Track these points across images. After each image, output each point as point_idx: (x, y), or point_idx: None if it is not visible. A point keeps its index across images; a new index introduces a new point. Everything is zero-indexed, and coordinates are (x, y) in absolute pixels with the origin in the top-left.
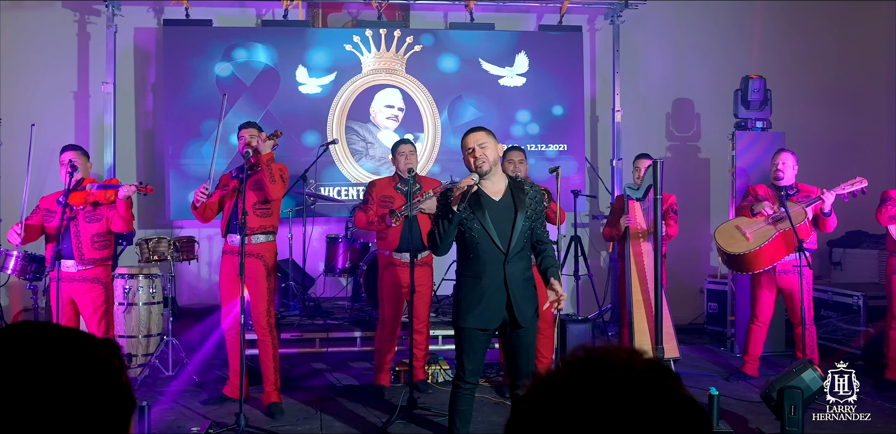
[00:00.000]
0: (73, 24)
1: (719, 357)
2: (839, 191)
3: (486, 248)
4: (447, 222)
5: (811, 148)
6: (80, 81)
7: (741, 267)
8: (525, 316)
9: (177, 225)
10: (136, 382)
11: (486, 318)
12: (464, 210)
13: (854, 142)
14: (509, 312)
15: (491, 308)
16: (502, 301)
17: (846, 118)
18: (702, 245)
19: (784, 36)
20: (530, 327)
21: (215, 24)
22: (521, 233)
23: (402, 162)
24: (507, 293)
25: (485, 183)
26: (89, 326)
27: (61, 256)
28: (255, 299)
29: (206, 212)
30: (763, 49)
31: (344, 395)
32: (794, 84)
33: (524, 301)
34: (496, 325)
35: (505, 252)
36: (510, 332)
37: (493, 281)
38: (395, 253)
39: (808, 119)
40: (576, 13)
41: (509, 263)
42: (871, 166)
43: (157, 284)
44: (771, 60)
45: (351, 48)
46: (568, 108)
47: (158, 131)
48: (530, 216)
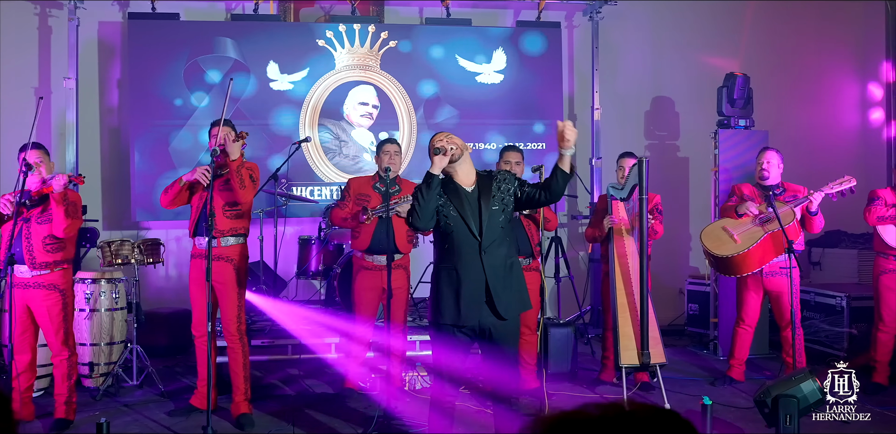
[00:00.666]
0: (34, 18)
1: (703, 360)
2: (827, 190)
3: (462, 236)
4: (426, 187)
5: (793, 146)
6: (42, 77)
7: (729, 270)
8: (508, 307)
9: (144, 226)
10: (99, 392)
11: (466, 313)
12: (439, 196)
13: (834, 140)
14: (490, 305)
15: (469, 300)
16: (481, 291)
17: (826, 116)
18: (681, 245)
19: (762, 34)
20: (512, 330)
21: (183, 17)
22: (490, 220)
23: (384, 161)
24: (485, 283)
25: (457, 172)
26: (47, 335)
27: (13, 261)
28: (225, 305)
29: (176, 199)
30: (741, 46)
31: (318, 405)
32: (773, 82)
33: (505, 291)
34: (475, 320)
35: (479, 239)
36: (489, 336)
37: (471, 271)
38: (367, 256)
39: (788, 117)
40: (554, 9)
41: (486, 252)
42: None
43: (121, 289)
44: (750, 58)
45: (324, 44)
46: (546, 106)
47: (124, 129)
48: (500, 200)
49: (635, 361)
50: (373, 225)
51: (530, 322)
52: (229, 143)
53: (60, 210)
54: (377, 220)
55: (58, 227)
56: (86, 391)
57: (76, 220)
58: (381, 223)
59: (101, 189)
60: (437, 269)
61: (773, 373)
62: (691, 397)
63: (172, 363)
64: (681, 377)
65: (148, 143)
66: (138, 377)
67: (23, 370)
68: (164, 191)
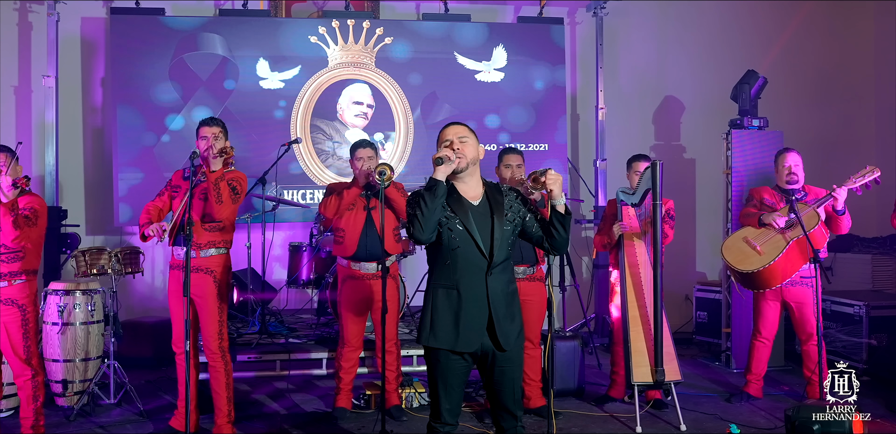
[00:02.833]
0: (14, 13)
1: (715, 373)
2: (850, 185)
3: (467, 253)
4: (431, 195)
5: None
6: (21, 75)
7: (756, 284)
8: (508, 338)
9: (128, 230)
10: (73, 412)
11: (463, 339)
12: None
13: (846, 139)
14: (490, 333)
15: (469, 327)
16: (483, 319)
17: (838, 116)
18: (688, 249)
19: (772, 32)
20: (515, 358)
21: (170, 13)
22: (502, 240)
23: (358, 167)
24: (489, 309)
25: (461, 185)
26: (6, 354)
27: None
28: (205, 320)
29: (154, 218)
30: (751, 45)
31: (307, 425)
32: (784, 81)
33: (506, 319)
34: (474, 347)
35: (489, 259)
36: (491, 362)
37: (473, 294)
38: (354, 263)
39: (798, 117)
40: (556, 5)
41: (492, 274)
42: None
43: (97, 301)
44: (759, 57)
45: (316, 40)
46: (549, 106)
47: (107, 130)
48: (511, 220)
49: (649, 379)
50: (358, 229)
51: (533, 335)
52: (211, 155)
53: (7, 219)
54: (362, 224)
55: (6, 237)
56: (59, 411)
57: (30, 229)
58: (367, 227)
59: (84, 192)
60: (432, 287)
61: (791, 388)
62: (707, 416)
63: (156, 376)
64: (693, 393)
65: (131, 145)
66: (116, 394)
67: None
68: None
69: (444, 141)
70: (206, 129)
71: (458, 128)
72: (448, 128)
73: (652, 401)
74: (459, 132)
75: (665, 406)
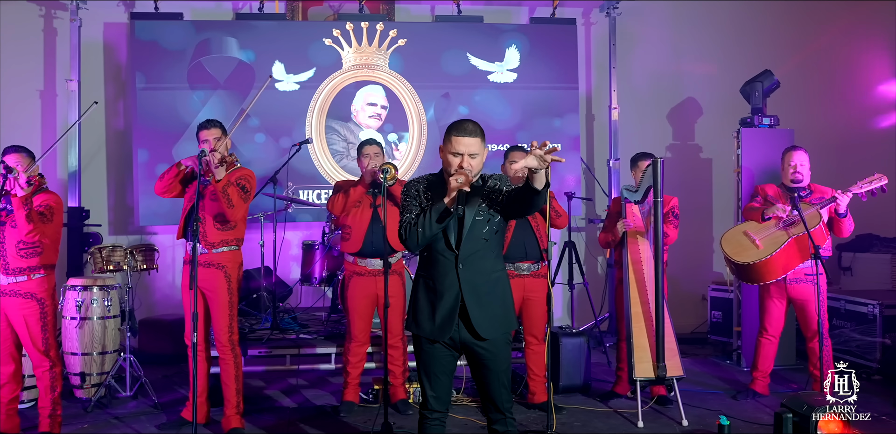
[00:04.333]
0: (39, 19)
1: (725, 371)
2: (856, 190)
3: (440, 246)
4: (435, 221)
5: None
6: (47, 79)
7: (751, 277)
8: (483, 326)
9: (149, 230)
10: (90, 404)
11: (438, 328)
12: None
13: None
14: (464, 321)
15: (443, 316)
16: (455, 307)
17: (856, 116)
18: (704, 249)
19: (788, 32)
20: (496, 350)
21: (189, 17)
22: (470, 231)
23: (365, 164)
24: (460, 298)
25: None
26: (25, 346)
27: None
28: (216, 314)
29: (171, 187)
30: (768, 45)
31: (315, 419)
32: (798, 81)
33: (482, 308)
34: (446, 336)
35: (456, 251)
36: (474, 354)
37: (446, 284)
38: (360, 259)
39: (814, 116)
40: (570, 5)
41: (463, 266)
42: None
43: (114, 297)
44: (776, 56)
45: (331, 43)
46: (561, 106)
47: (128, 132)
48: (487, 210)
49: (650, 374)
50: (364, 226)
51: (537, 332)
52: (213, 163)
53: (21, 214)
54: (368, 221)
55: (21, 231)
56: (77, 402)
57: (44, 225)
58: (373, 224)
59: (107, 193)
60: (416, 277)
61: (800, 386)
62: (711, 413)
63: (173, 372)
64: (701, 390)
65: (152, 146)
66: (132, 387)
67: (5, 382)
68: (160, 176)
69: (453, 151)
70: (205, 132)
71: (471, 142)
72: (461, 139)
73: (656, 397)
74: (472, 148)
75: (669, 402)
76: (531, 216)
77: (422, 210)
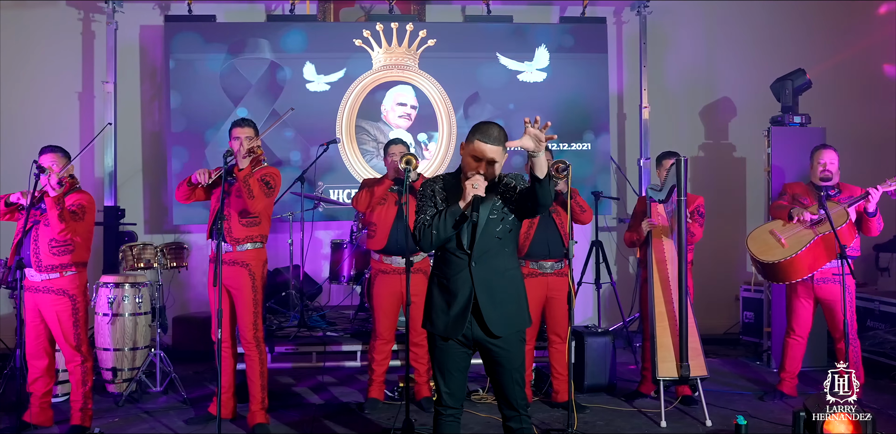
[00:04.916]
0: (78, 23)
1: (754, 372)
2: (886, 187)
3: (454, 246)
4: (450, 225)
5: (852, 145)
6: (85, 81)
7: (776, 276)
8: (496, 323)
9: (183, 229)
10: (122, 398)
11: (451, 325)
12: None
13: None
14: (477, 319)
15: (456, 313)
16: (468, 305)
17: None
18: (737, 249)
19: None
20: (511, 348)
21: (222, 19)
22: (484, 230)
23: (391, 163)
24: (472, 296)
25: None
26: (58, 341)
27: (22, 265)
28: (241, 311)
29: (190, 196)
30: (799, 43)
31: (339, 415)
32: (830, 79)
33: (496, 306)
34: (458, 333)
35: (469, 251)
36: (488, 351)
37: (459, 283)
38: (385, 257)
39: (842, 115)
40: (600, 5)
41: (476, 264)
42: None
43: (145, 294)
44: (809, 55)
45: (361, 43)
46: (592, 105)
47: (163, 134)
48: (501, 209)
49: (674, 374)
50: (389, 223)
51: (561, 330)
52: (240, 154)
53: (53, 213)
54: (393, 218)
55: (53, 230)
56: (109, 397)
57: (76, 224)
58: (398, 222)
59: (143, 193)
60: (431, 275)
61: None
62: (735, 413)
63: (204, 368)
64: (728, 391)
65: (186, 147)
66: (162, 383)
67: (39, 375)
68: (178, 185)
69: (474, 155)
70: (238, 129)
71: (494, 150)
72: (484, 145)
73: (681, 397)
74: (493, 155)
75: (694, 402)
76: (556, 214)
77: (437, 211)
